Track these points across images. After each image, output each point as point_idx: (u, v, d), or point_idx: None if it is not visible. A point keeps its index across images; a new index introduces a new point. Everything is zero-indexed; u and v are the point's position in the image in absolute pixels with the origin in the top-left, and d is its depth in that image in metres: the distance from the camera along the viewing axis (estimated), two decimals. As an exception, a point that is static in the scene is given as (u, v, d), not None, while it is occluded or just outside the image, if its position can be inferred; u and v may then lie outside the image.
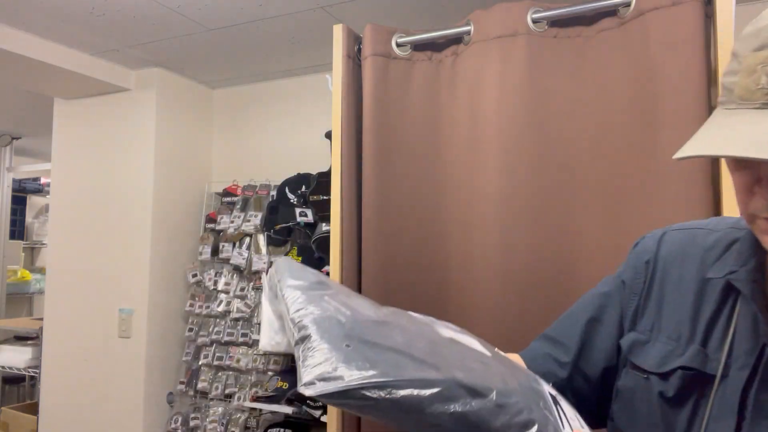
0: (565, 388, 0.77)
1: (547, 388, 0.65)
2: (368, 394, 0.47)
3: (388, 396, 0.47)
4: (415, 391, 0.48)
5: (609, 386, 0.77)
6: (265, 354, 2.69)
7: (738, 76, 0.56)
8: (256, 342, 2.72)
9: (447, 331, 0.66)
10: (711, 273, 0.70)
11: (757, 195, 0.57)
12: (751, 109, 0.54)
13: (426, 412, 0.49)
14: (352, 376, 0.47)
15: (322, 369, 0.48)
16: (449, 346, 0.60)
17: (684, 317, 0.70)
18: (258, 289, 2.78)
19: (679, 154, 0.55)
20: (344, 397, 0.47)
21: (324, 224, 2.36)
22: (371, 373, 0.48)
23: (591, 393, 0.78)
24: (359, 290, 1.52)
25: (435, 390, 0.49)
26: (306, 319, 0.55)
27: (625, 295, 0.78)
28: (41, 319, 3.16)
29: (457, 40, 1.52)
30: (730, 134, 0.54)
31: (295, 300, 0.60)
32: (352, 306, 0.60)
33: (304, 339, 0.53)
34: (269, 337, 0.70)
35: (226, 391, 2.71)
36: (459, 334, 0.66)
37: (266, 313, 0.71)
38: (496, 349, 0.69)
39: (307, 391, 0.47)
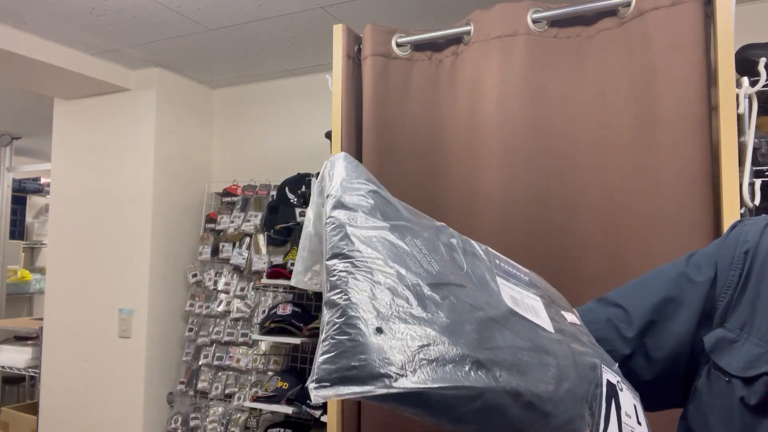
0: (622, 365, 0.69)
1: (608, 376, 0.56)
2: (390, 399, 0.40)
3: (415, 406, 0.41)
4: (450, 400, 0.41)
5: (673, 375, 0.71)
6: (265, 354, 2.69)
7: None
8: (256, 342, 2.73)
9: (510, 289, 0.56)
10: None
11: None
12: None
13: (456, 415, 0.42)
14: (372, 383, 0.40)
15: (340, 363, 0.40)
16: (504, 325, 0.50)
17: None
18: (258, 289, 2.78)
19: None
20: (360, 396, 0.41)
21: (324, 224, 2.36)
22: (394, 384, 0.40)
23: (651, 377, 0.72)
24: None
25: (474, 397, 0.43)
26: (342, 280, 0.45)
27: (716, 286, 0.70)
28: (41, 319, 3.16)
29: (457, 40, 1.52)
30: None
31: (336, 236, 0.49)
32: (403, 256, 0.49)
33: (333, 306, 0.44)
34: (304, 269, 0.59)
35: (226, 391, 2.71)
36: (523, 295, 0.56)
37: (306, 233, 0.58)
38: (563, 312, 0.60)
39: (315, 394, 0.40)
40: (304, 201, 2.59)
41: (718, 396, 0.65)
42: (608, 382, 0.54)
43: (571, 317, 0.63)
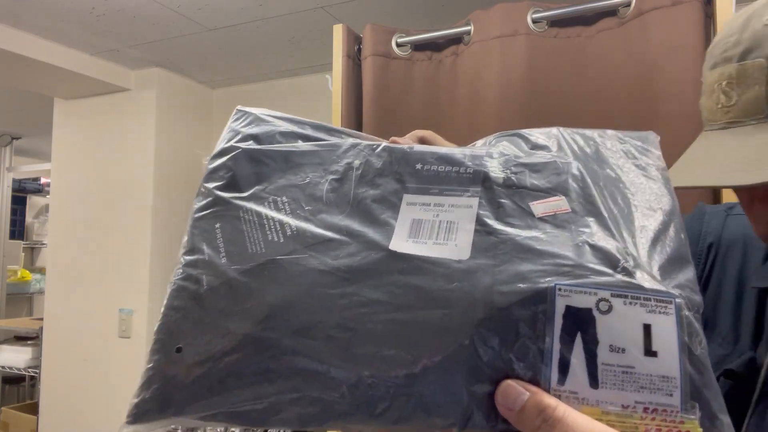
0: None
1: (572, 299, 0.36)
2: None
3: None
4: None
5: None
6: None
7: (703, 97, 0.53)
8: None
9: (421, 208, 0.41)
10: (757, 281, 0.61)
11: (757, 216, 0.53)
12: (716, 130, 0.51)
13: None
14: (161, 417, 0.36)
15: (135, 399, 0.37)
16: (362, 282, 0.37)
17: (745, 319, 0.61)
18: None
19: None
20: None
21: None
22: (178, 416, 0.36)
23: None
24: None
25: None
26: (170, 288, 0.39)
27: None
28: (41, 319, 3.16)
29: (457, 40, 1.52)
30: (693, 160, 0.51)
31: (186, 234, 0.42)
32: (243, 236, 0.40)
33: None
34: None
35: (226, 391, 2.71)
36: (440, 210, 0.40)
37: None
38: (534, 204, 0.40)
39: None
40: (304, 201, 2.59)
41: None
42: (569, 309, 0.36)
43: (550, 204, 0.40)
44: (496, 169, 0.41)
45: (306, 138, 0.46)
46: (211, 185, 0.44)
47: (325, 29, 2.34)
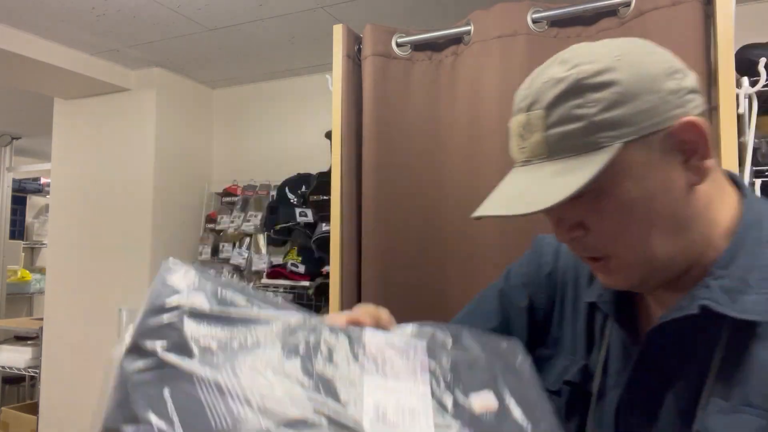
0: None
1: None
2: None
3: None
4: None
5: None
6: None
7: (510, 138, 0.62)
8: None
9: (382, 392, 0.43)
10: (586, 297, 0.70)
11: (559, 239, 0.61)
12: (519, 166, 0.60)
13: None
14: None
15: None
16: None
17: (579, 332, 0.71)
18: (258, 289, 2.78)
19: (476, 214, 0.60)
20: None
21: (324, 224, 2.36)
22: None
23: None
24: (359, 291, 1.52)
25: None
26: None
27: (534, 308, 0.76)
28: (41, 319, 3.17)
29: (457, 40, 1.52)
30: (495, 192, 0.60)
31: (119, 396, 0.40)
32: (197, 413, 0.38)
33: None
34: None
35: (226, 391, 2.71)
36: (399, 396, 0.43)
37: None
38: (471, 396, 0.47)
39: None
40: (304, 201, 2.59)
41: None
42: None
43: (483, 399, 0.48)
44: (440, 362, 0.48)
45: (242, 302, 0.48)
46: (151, 345, 0.40)
47: (325, 29, 2.34)
